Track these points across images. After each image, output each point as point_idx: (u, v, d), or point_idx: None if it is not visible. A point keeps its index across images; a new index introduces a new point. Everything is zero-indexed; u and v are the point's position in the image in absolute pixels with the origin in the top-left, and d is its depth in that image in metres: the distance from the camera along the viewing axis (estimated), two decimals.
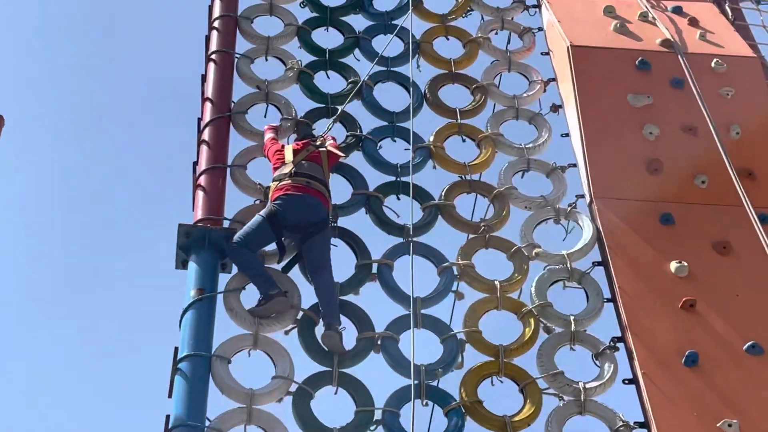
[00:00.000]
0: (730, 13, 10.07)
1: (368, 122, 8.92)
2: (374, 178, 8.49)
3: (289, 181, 7.74)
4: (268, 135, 8.37)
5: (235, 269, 7.66)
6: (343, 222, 8.12)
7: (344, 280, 7.77)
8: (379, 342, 7.47)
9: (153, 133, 15.97)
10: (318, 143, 8.10)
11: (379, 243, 8.05)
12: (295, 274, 7.72)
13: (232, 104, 8.77)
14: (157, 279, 12.88)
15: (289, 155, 7.94)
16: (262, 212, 7.67)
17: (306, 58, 9.34)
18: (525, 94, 9.33)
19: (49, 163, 15.90)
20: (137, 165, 15.72)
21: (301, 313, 7.51)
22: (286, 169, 7.82)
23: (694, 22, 9.75)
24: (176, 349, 7.09)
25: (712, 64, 9.20)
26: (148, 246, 13.75)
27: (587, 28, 9.52)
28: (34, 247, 15.02)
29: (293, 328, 7.45)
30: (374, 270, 7.90)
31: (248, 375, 7.16)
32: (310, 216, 7.61)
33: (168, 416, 6.82)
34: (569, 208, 8.41)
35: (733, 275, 7.93)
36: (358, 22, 9.81)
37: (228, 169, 8.25)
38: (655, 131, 8.74)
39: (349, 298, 7.71)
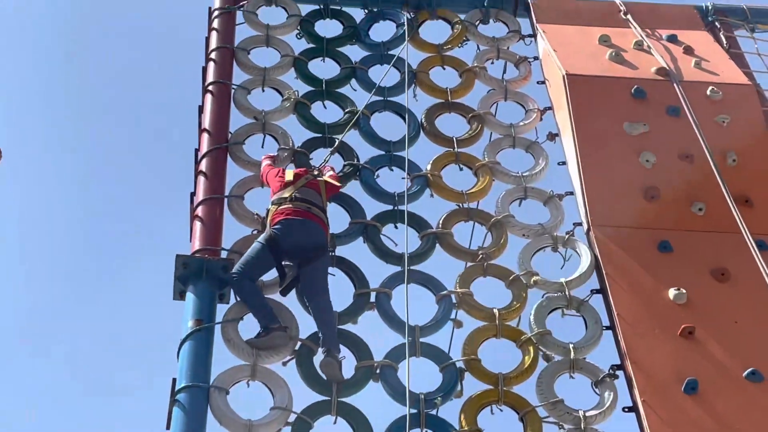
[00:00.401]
0: (724, 41, 10.10)
1: (365, 151, 8.96)
2: (372, 207, 8.52)
3: (290, 205, 7.75)
4: (266, 162, 8.39)
5: (233, 300, 7.65)
6: (341, 251, 8.13)
7: (343, 310, 7.76)
8: (378, 371, 7.45)
9: (151, 164, 16.00)
10: (316, 173, 8.11)
11: (377, 272, 8.05)
12: (293, 302, 7.72)
13: (229, 135, 8.79)
14: (155, 310, 12.85)
15: (290, 177, 7.97)
16: (261, 238, 7.68)
17: (303, 88, 9.38)
18: (521, 123, 9.36)
19: (45, 194, 15.92)
20: (135, 195, 15.74)
21: (299, 344, 7.49)
22: (287, 193, 7.83)
23: (689, 51, 9.79)
24: (174, 380, 7.07)
25: (708, 92, 9.23)
26: (146, 276, 13.74)
27: (583, 56, 9.56)
28: (30, 276, 15.01)
29: (291, 358, 7.44)
30: (372, 299, 7.89)
31: (247, 406, 7.15)
32: (310, 241, 7.64)
33: None
34: (567, 236, 8.42)
35: (732, 302, 7.93)
36: (355, 52, 9.86)
37: (225, 200, 8.26)
38: (651, 159, 8.76)
39: (348, 327, 7.69)
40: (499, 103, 9.57)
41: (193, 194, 8.37)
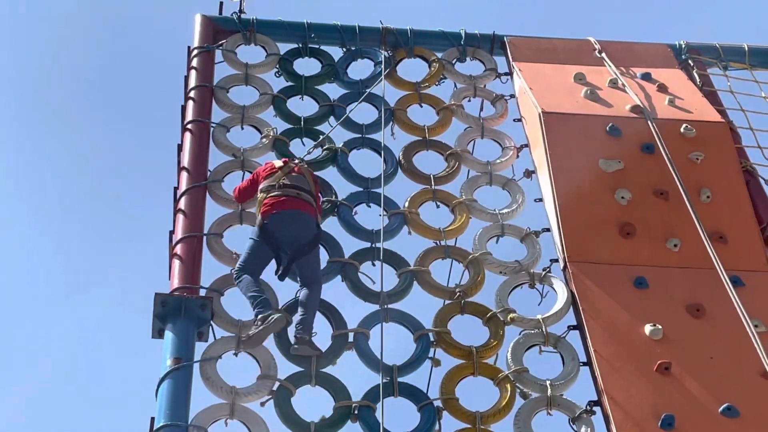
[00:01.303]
0: (698, 79, 10.22)
1: (344, 188, 9.01)
2: (350, 245, 8.55)
3: (279, 192, 7.94)
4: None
5: (211, 338, 7.67)
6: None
7: (323, 351, 7.77)
8: (356, 412, 7.46)
9: (130, 202, 15.99)
10: (298, 161, 8.40)
11: (355, 310, 8.09)
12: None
13: (209, 173, 8.83)
14: (133, 348, 12.82)
15: (279, 164, 8.16)
16: (253, 233, 7.89)
17: (281, 126, 9.44)
18: (498, 160, 9.43)
19: (27, 232, 15.86)
20: (114, 234, 15.72)
21: (277, 384, 7.51)
22: (275, 180, 8.00)
23: (663, 88, 9.90)
24: (152, 419, 7.06)
25: (682, 130, 9.33)
26: (124, 315, 13.71)
27: (558, 94, 9.65)
28: (8, 313, 14.94)
29: (269, 399, 7.45)
30: (351, 339, 7.91)
31: None
32: (302, 234, 7.90)
33: None
34: (544, 273, 8.47)
35: (707, 337, 7.98)
36: (333, 90, 9.94)
37: (204, 238, 8.29)
38: (627, 195, 8.84)
39: (328, 369, 7.72)
40: (476, 141, 9.63)
41: (171, 232, 8.39)
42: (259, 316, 7.62)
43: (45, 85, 17.20)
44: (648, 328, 7.93)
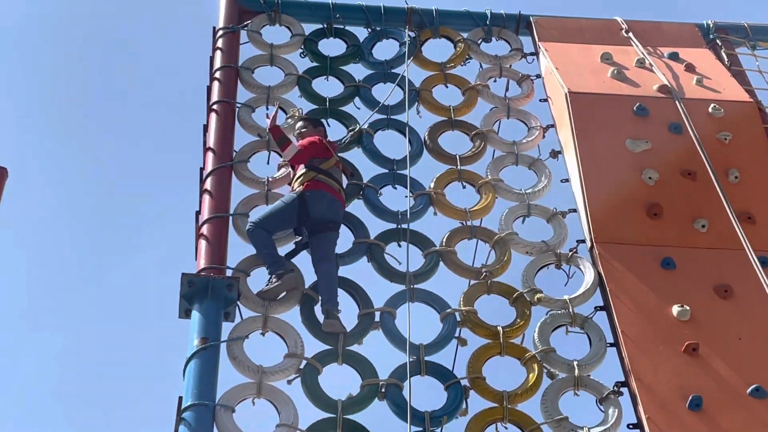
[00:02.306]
0: (726, 59, 10.15)
1: (369, 170, 8.99)
2: (375, 226, 8.54)
3: (326, 178, 8.16)
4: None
5: (238, 318, 7.69)
6: (344, 271, 8.16)
7: (349, 331, 7.79)
8: (383, 390, 7.47)
9: (156, 183, 16.02)
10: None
11: (382, 291, 8.10)
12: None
13: (234, 153, 8.83)
14: (161, 328, 12.87)
15: (330, 152, 8.36)
16: (287, 198, 8.09)
17: (307, 106, 9.42)
18: (524, 140, 9.39)
19: (52, 222, 15.93)
20: (139, 215, 15.75)
21: (304, 362, 7.52)
22: (326, 165, 8.25)
23: (690, 68, 9.83)
24: (180, 398, 7.10)
25: (710, 110, 9.27)
26: (151, 295, 13.77)
27: (585, 74, 9.60)
28: (35, 305, 15.02)
29: (297, 377, 7.47)
30: (377, 318, 7.92)
31: (252, 423, 7.17)
32: (331, 217, 8.06)
33: None
34: (570, 253, 8.44)
35: (735, 319, 7.94)
36: (358, 71, 9.91)
37: (230, 218, 8.30)
38: (654, 176, 8.79)
39: (354, 347, 7.72)
40: (501, 121, 9.61)
41: (198, 213, 8.40)
42: (274, 274, 7.76)
43: (67, 57, 17.20)
44: (675, 309, 7.90)
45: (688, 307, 7.89)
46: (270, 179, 8.65)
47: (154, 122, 16.49)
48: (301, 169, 8.27)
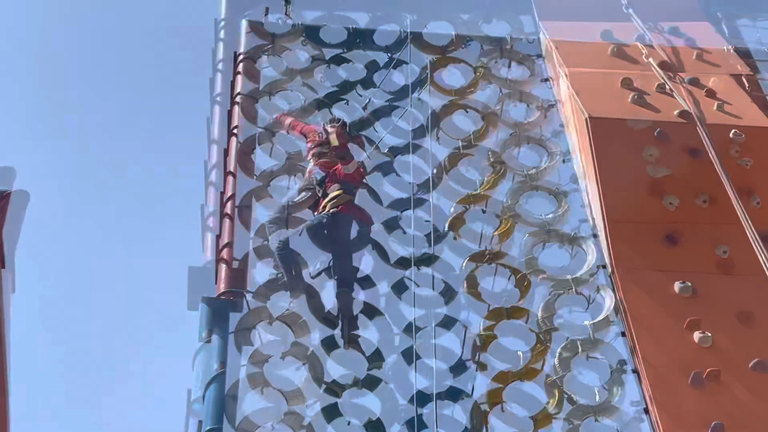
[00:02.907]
0: (746, 84, 10.13)
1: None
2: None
3: (345, 196, 8.43)
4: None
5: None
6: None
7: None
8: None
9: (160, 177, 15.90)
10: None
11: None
12: None
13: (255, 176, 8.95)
14: (182, 350, 12.86)
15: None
16: (310, 224, 8.27)
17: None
18: (543, 165, 9.39)
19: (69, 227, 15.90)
20: (147, 209, 15.67)
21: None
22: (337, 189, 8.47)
23: (711, 94, 9.81)
24: (200, 422, 7.18)
25: (731, 135, 9.24)
26: (161, 287, 13.69)
27: (605, 99, 9.59)
28: (49, 314, 15.02)
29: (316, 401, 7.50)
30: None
31: None
32: (346, 238, 8.34)
33: None
34: (590, 278, 8.42)
35: (758, 345, 7.90)
36: (378, 95, 9.94)
37: (251, 241, 8.35)
38: (675, 201, 8.77)
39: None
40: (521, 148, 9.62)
41: (218, 236, 8.49)
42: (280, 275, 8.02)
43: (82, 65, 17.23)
44: (697, 336, 7.86)
45: (709, 334, 7.85)
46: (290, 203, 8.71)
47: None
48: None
